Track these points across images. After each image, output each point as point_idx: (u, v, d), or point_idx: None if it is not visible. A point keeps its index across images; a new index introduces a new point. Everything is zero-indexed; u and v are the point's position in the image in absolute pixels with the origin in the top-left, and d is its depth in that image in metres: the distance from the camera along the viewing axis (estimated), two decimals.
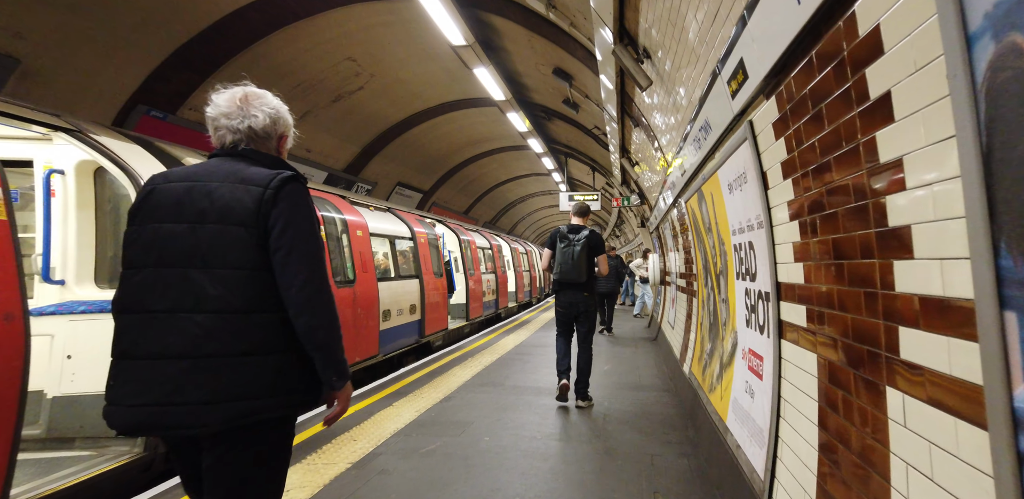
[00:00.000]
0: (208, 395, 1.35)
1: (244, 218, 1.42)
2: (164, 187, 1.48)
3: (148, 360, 1.37)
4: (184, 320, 1.37)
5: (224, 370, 1.36)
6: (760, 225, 2.56)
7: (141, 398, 1.36)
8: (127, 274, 1.45)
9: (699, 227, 4.76)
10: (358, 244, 5.93)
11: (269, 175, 1.47)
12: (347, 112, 8.88)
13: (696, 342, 5.17)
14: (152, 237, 1.44)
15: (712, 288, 4.37)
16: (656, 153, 6.44)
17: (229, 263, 1.41)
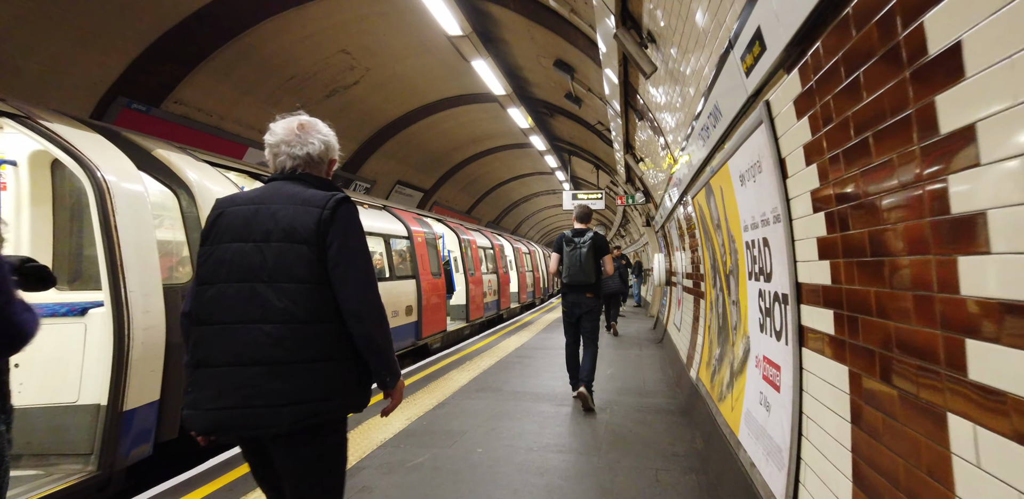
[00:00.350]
0: (278, 398, 1.48)
1: (306, 236, 1.54)
2: (232, 210, 1.61)
3: (223, 367, 1.51)
4: (254, 330, 1.50)
5: (291, 376, 1.50)
6: (777, 219, 2.29)
7: (218, 402, 1.49)
8: (200, 289, 1.57)
9: (707, 224, 4.49)
10: None
11: (325, 197, 1.60)
12: (343, 108, 8.65)
13: (704, 347, 4.89)
14: (223, 255, 1.57)
15: (721, 289, 4.10)
16: (661, 148, 6.16)
17: (293, 277, 1.53)
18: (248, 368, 1.49)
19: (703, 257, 5.02)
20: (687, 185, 5.08)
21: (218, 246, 1.59)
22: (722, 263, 3.99)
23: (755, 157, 2.49)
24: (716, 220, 3.97)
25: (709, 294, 4.80)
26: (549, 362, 7.39)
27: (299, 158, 1.70)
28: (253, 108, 7.15)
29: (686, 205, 5.62)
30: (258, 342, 1.50)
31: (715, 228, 4.09)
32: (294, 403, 1.49)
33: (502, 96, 8.52)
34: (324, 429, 1.57)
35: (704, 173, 4.05)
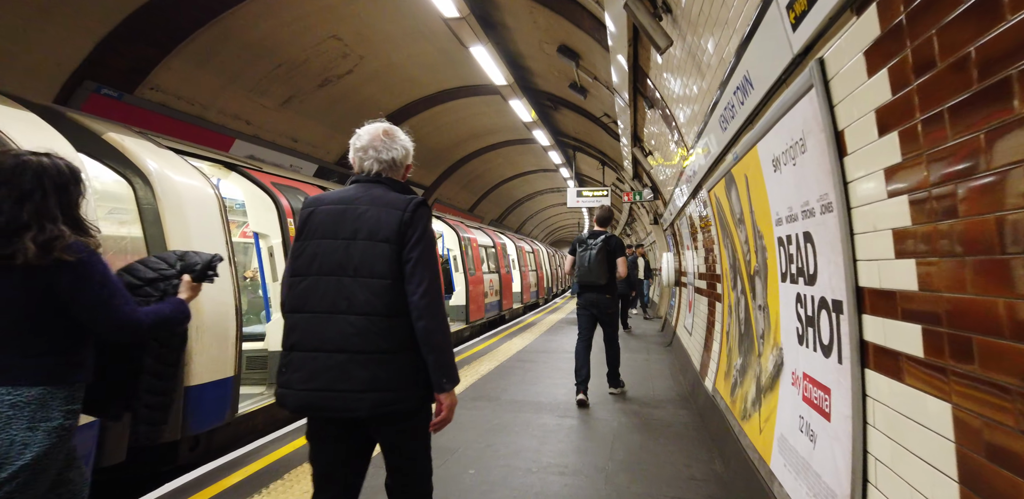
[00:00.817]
0: (359, 385, 1.59)
1: (388, 235, 1.67)
2: (322, 209, 1.74)
3: (312, 352, 1.63)
4: (340, 320, 1.62)
5: (371, 365, 1.60)
6: (826, 208, 1.86)
7: (309, 384, 1.61)
8: (294, 281, 1.71)
9: (726, 219, 4.05)
10: None
11: (406, 200, 1.73)
12: (336, 98, 8.23)
13: (722, 354, 4.46)
14: (315, 250, 1.69)
15: (743, 292, 3.67)
16: (673, 138, 5.73)
17: (375, 273, 1.65)
18: (334, 355, 1.62)
19: (720, 256, 4.59)
20: (703, 177, 4.65)
21: (311, 241, 1.71)
22: (744, 262, 3.56)
23: (796, 134, 2.06)
24: (738, 214, 3.54)
25: (727, 297, 4.36)
26: (552, 367, 6.96)
27: (384, 162, 1.80)
28: (239, 97, 6.74)
29: (700, 199, 5.18)
30: (343, 331, 1.62)
31: (736, 223, 3.66)
32: (373, 390, 1.60)
33: (503, 87, 8.10)
34: (404, 417, 1.68)
35: (725, 161, 3.62)
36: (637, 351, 8.27)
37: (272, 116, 7.48)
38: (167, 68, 5.56)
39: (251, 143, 7.29)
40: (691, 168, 5.16)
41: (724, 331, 4.51)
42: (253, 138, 7.35)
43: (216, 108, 6.56)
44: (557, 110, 10.41)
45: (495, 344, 8.72)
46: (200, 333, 3.29)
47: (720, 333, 4.65)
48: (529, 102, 9.18)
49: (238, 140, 7.03)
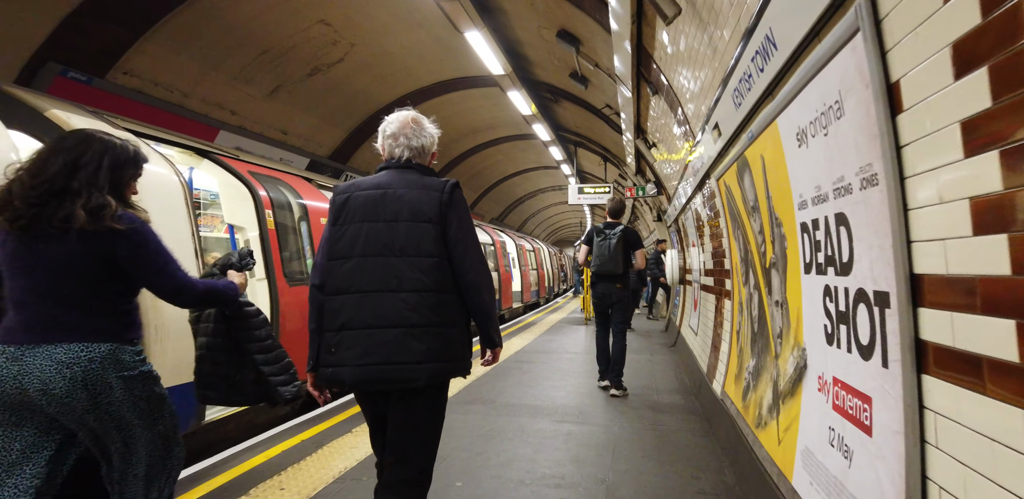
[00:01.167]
0: (417, 356, 1.72)
1: (431, 216, 1.78)
2: (358, 194, 1.83)
3: (366, 329, 1.73)
4: (392, 297, 1.73)
5: (425, 338, 1.73)
6: (869, 182, 1.56)
7: (366, 359, 1.72)
8: (335, 264, 1.79)
9: (736, 209, 3.74)
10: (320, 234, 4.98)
11: (442, 182, 1.85)
12: (328, 89, 7.92)
13: (731, 356, 4.15)
14: (356, 233, 1.78)
15: (756, 287, 3.36)
16: (678, 127, 5.42)
17: (422, 252, 1.77)
18: (388, 330, 1.70)
19: (730, 249, 4.28)
20: (711, 165, 4.34)
21: (350, 225, 1.79)
22: (758, 255, 3.25)
23: (831, 96, 1.75)
24: (752, 201, 3.23)
25: (738, 293, 4.05)
26: (551, 368, 6.66)
27: (414, 149, 1.88)
28: (222, 85, 6.44)
29: (708, 190, 4.87)
30: (396, 308, 1.71)
31: (749, 212, 3.35)
32: (431, 361, 1.72)
33: (501, 76, 7.78)
34: (441, 387, 1.84)
35: (737, 144, 3.31)
36: (640, 351, 7.96)
37: (259, 106, 7.17)
38: (141, 52, 5.26)
39: (237, 134, 6.99)
40: (697, 157, 4.85)
41: (734, 330, 4.20)
42: (239, 129, 7.04)
43: (198, 96, 6.25)
44: (557, 103, 10.09)
45: None
46: (160, 333, 2.99)
47: (729, 333, 4.34)
48: (528, 94, 8.87)
49: (223, 131, 6.73)
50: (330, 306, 1.79)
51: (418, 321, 1.72)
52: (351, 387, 1.78)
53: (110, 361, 1.60)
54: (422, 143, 1.89)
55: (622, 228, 5.17)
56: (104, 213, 1.57)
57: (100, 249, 1.60)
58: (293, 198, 4.69)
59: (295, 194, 4.74)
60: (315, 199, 5.10)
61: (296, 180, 5.04)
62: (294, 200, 4.70)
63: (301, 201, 4.77)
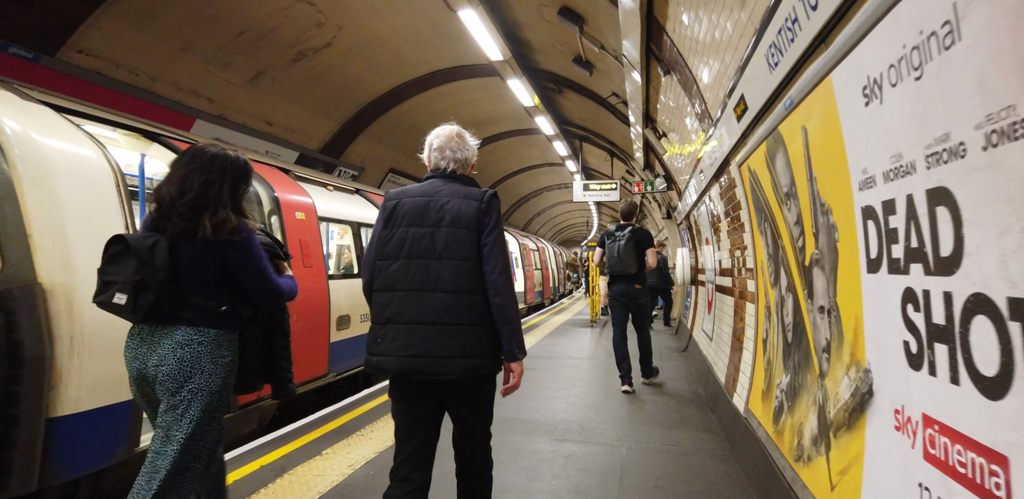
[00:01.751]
0: (450, 352, 1.86)
1: (469, 223, 1.95)
2: (407, 200, 2.01)
3: (408, 325, 1.89)
4: (431, 297, 1.90)
5: (459, 335, 1.88)
6: (1005, 136, 1.03)
7: (407, 351, 1.88)
8: (383, 263, 1.97)
9: (763, 198, 3.22)
10: (298, 230, 4.47)
11: (481, 192, 2.02)
12: (315, 76, 7.42)
13: (757, 367, 3.61)
14: (403, 237, 1.95)
15: (790, 289, 2.83)
16: (692, 110, 4.89)
17: (459, 256, 1.92)
18: (427, 326, 1.88)
19: (753, 246, 3.75)
20: (730, 150, 3.81)
21: (398, 229, 1.98)
22: (793, 250, 2.72)
23: (932, 21, 1.23)
24: (786, 186, 2.70)
25: (764, 296, 3.52)
26: (552, 376, 6.13)
27: (458, 161, 2.08)
28: (196, 69, 5.94)
29: (726, 180, 4.34)
30: (434, 306, 1.89)
31: (782, 200, 2.82)
32: (462, 356, 1.88)
33: (500, 63, 7.27)
34: (482, 380, 1.98)
35: (768, 117, 2.78)
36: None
37: (240, 94, 6.68)
38: (96, 28, 4.77)
39: (216, 124, 6.50)
40: (715, 144, 4.32)
41: (759, 338, 3.66)
42: (218, 118, 6.55)
43: (167, 81, 5.76)
44: (561, 93, 9.57)
45: None
46: (75, 345, 2.49)
47: (753, 341, 3.80)
48: (530, 84, 8.34)
49: (199, 120, 6.24)
50: (377, 301, 1.97)
51: (453, 319, 1.88)
52: (393, 376, 1.94)
53: (213, 346, 1.88)
54: (465, 156, 2.09)
55: (631, 228, 5.37)
56: (224, 227, 1.87)
57: (218, 254, 1.90)
58: (262, 190, 4.20)
59: (265, 185, 4.25)
60: (291, 192, 4.60)
61: (268, 170, 4.54)
62: (263, 192, 4.20)
63: (272, 193, 4.28)
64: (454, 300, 1.89)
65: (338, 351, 5.08)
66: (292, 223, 4.41)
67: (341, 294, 5.17)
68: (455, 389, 1.93)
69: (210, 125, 6.41)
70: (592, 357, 7.45)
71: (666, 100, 5.72)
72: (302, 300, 4.37)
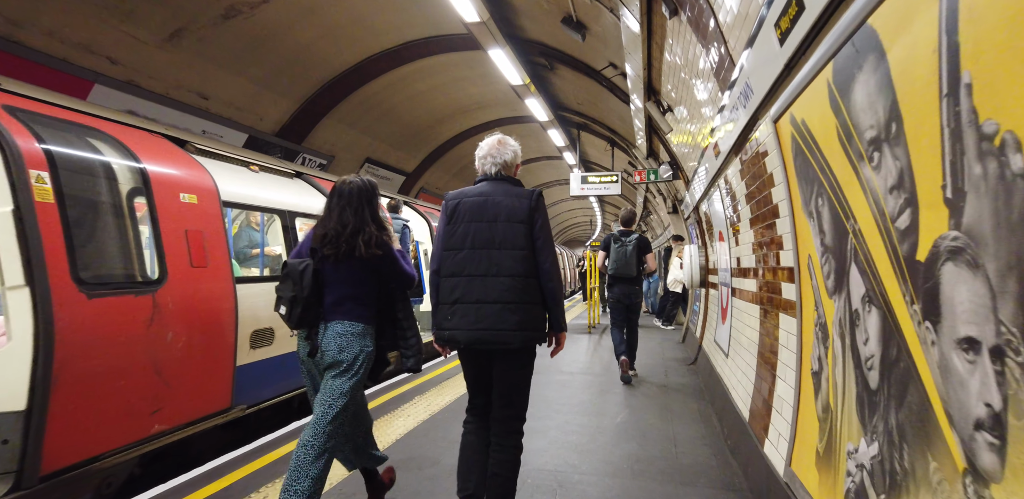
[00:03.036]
0: (513, 325, 2.28)
1: (522, 218, 2.34)
2: (467, 200, 2.39)
3: (475, 304, 2.29)
4: (493, 280, 2.30)
5: (518, 312, 2.29)
6: None
7: (476, 325, 2.28)
8: (449, 254, 2.37)
9: (819, 162, 2.11)
10: (182, 217, 3.38)
11: (530, 191, 2.42)
12: (257, 41, 6.30)
13: (804, 413, 2.49)
14: (466, 230, 2.35)
15: (876, 300, 1.73)
16: (706, 59, 3.77)
17: (516, 246, 2.32)
18: (492, 305, 2.28)
19: (795, 234, 2.62)
20: (762, 98, 2.69)
21: (461, 224, 2.36)
22: (888, 234, 1.62)
23: None
24: (874, 128, 1.61)
25: (815, 306, 2.39)
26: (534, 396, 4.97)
27: (500, 164, 2.46)
28: (85, 18, 4.76)
29: (753, 147, 3.23)
30: (497, 288, 2.29)
31: (863, 153, 1.71)
32: (522, 329, 2.29)
33: (476, 26, 6.15)
34: (531, 351, 2.42)
35: (842, 15, 1.67)
36: (651, 372, 6.27)
37: (155, 56, 5.54)
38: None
39: (126, 93, 5.40)
40: (736, 98, 3.20)
41: (806, 368, 2.54)
42: (127, 85, 5.44)
43: (41, 29, 4.57)
44: (553, 70, 8.45)
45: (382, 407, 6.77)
46: None
47: (795, 370, 2.67)
48: (518, 58, 7.22)
49: (98, 85, 5.13)
50: (445, 285, 2.37)
51: (512, 298, 2.29)
52: (464, 346, 2.34)
53: (361, 336, 2.45)
54: (505, 159, 2.48)
55: (636, 236, 5.92)
56: (371, 242, 2.44)
57: (369, 266, 2.49)
58: (116, 159, 3.10)
59: (123, 153, 3.14)
60: (173, 166, 3.49)
61: (130, 133, 3.41)
62: (118, 162, 3.10)
63: (135, 165, 3.17)
64: (513, 283, 2.30)
65: (253, 376, 3.98)
66: (172, 208, 3.31)
67: (260, 302, 4.07)
68: (511, 355, 2.36)
69: (116, 93, 5.30)
70: (586, 372, 6.33)
71: (672, 58, 4.60)
72: (185, 310, 3.27)
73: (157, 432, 3.07)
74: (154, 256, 3.17)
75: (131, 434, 2.90)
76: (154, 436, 3.06)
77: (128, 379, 2.87)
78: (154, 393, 3.03)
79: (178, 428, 3.24)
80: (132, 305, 2.91)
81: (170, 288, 3.18)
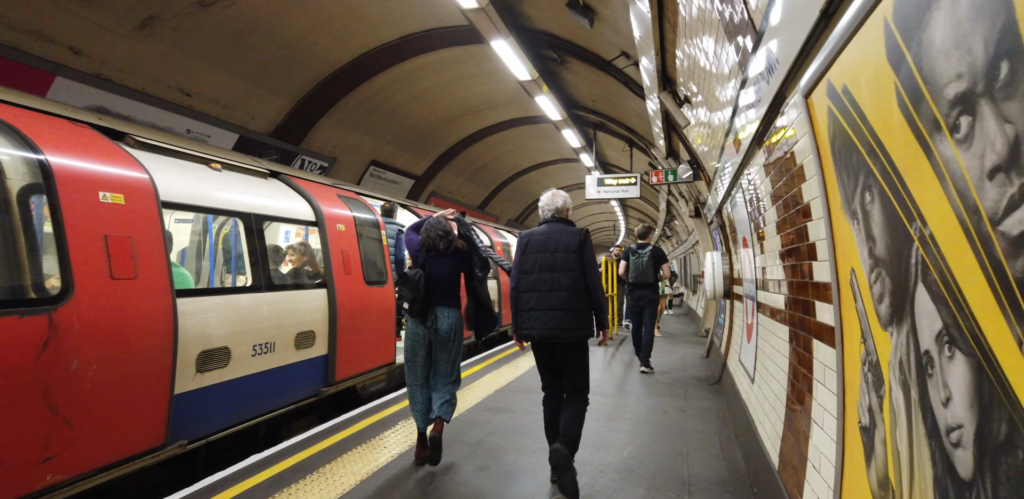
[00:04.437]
0: (572, 325, 3.16)
1: (574, 249, 3.24)
2: (535, 237, 3.35)
3: (544, 311, 3.19)
4: (557, 294, 3.19)
5: (575, 316, 3.17)
6: None
7: (546, 326, 3.18)
8: (524, 276, 3.31)
9: (867, 143, 1.51)
10: (93, 219, 2.88)
11: (580, 230, 3.33)
12: (240, 32, 5.90)
13: (852, 479, 1.86)
14: (535, 260, 3.28)
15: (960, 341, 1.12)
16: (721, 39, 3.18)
17: (570, 269, 3.22)
18: (556, 311, 3.18)
19: (832, 240, 2.02)
20: (790, 68, 2.10)
21: (532, 255, 3.31)
22: (978, 244, 1.02)
23: None
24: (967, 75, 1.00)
25: (863, 338, 1.78)
26: (524, 430, 4.39)
27: (553, 210, 3.44)
28: (48, 6, 4.38)
29: (778, 133, 2.62)
30: (559, 299, 3.18)
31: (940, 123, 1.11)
32: (578, 328, 3.18)
33: (474, 13, 5.64)
34: (583, 342, 3.29)
35: None
36: (665, 393, 5.60)
37: (126, 47, 5.14)
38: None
39: (95, 87, 5.01)
40: (759, 71, 2.60)
41: (851, 418, 1.92)
42: (95, 79, 5.05)
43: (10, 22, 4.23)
44: (564, 64, 7.88)
45: (467, 379, 6.21)
46: None
47: (838, 418, 2.05)
48: (524, 51, 6.69)
49: (60, 77, 4.75)
50: (523, 298, 3.29)
51: (569, 307, 3.19)
52: (538, 340, 3.26)
53: (459, 317, 3.67)
54: (557, 206, 3.44)
55: (651, 248, 6.94)
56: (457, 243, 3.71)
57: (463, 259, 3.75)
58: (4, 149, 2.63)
59: (15, 142, 2.67)
60: (89, 159, 3.00)
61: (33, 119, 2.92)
62: (6, 153, 2.63)
63: (31, 156, 2.69)
64: (571, 296, 3.20)
65: (200, 404, 3.49)
66: (85, 209, 2.83)
67: (211, 318, 3.60)
68: (570, 347, 3.27)
69: (82, 87, 4.91)
70: (595, 391, 5.71)
71: (686, 37, 4.00)
72: (96, 334, 2.79)
73: (52, 484, 2.57)
74: (56, 267, 2.69)
75: (7, 491, 2.40)
76: (49, 488, 2.57)
77: (3, 422, 2.37)
78: (47, 436, 2.54)
79: (87, 475, 2.75)
80: (14, 329, 2.43)
81: (77, 305, 2.69)
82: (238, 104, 6.70)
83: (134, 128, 3.69)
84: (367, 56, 7.44)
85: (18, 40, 4.46)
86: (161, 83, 5.71)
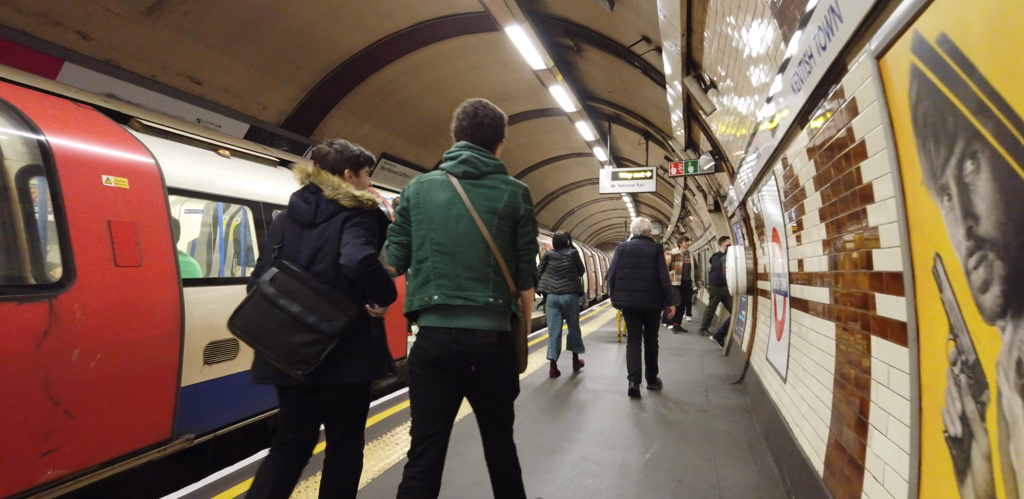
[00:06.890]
0: (652, 299, 5.31)
1: (652, 255, 5.42)
2: (627, 248, 5.49)
3: (630, 291, 5.36)
4: (640, 281, 5.32)
5: (653, 293, 5.32)
6: None
7: (632, 298, 5.34)
8: (620, 271, 5.46)
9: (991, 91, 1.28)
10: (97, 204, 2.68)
11: (656, 244, 5.50)
12: (251, 18, 5.71)
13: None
14: (626, 262, 5.45)
15: None
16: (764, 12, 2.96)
17: (648, 267, 5.36)
18: (641, 291, 5.29)
19: (906, 226, 1.80)
20: (858, 24, 1.88)
21: (625, 257, 5.44)
22: None
23: None
24: None
25: (953, 335, 1.55)
26: (553, 423, 4.18)
27: (642, 231, 5.57)
28: None
29: (836, 107, 2.40)
30: (641, 286, 5.29)
31: None
32: (653, 302, 5.29)
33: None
34: (658, 311, 5.41)
35: None
36: (687, 393, 5.37)
37: (135, 32, 4.99)
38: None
39: (103, 73, 4.87)
40: (814, 37, 2.38)
41: (933, 428, 1.69)
42: (105, 65, 4.90)
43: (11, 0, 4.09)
44: (580, 53, 7.66)
45: None
46: None
47: (912, 428, 1.83)
48: (539, 38, 6.48)
49: (69, 63, 4.60)
50: (618, 284, 5.38)
51: (649, 288, 5.26)
52: (626, 308, 5.34)
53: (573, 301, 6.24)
54: (644, 228, 5.57)
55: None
56: None
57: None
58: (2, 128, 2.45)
59: (14, 121, 2.50)
60: (93, 140, 2.83)
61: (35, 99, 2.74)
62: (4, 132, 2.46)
63: (30, 136, 2.52)
64: (649, 284, 5.24)
65: (207, 397, 3.33)
66: (88, 193, 2.66)
67: (219, 308, 3.43)
68: (651, 314, 5.34)
69: (92, 73, 4.77)
70: (612, 389, 5.51)
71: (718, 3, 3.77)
72: (99, 322, 2.61)
73: (53, 478, 2.41)
74: (57, 252, 2.52)
75: (5, 487, 2.23)
76: (49, 484, 2.40)
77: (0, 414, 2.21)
78: (47, 428, 2.37)
79: (89, 470, 2.58)
80: (12, 316, 2.26)
81: (79, 293, 2.52)
82: (248, 93, 6.53)
83: (140, 112, 3.51)
84: (379, 45, 7.24)
85: (26, 23, 4.30)
86: (171, 70, 5.55)
